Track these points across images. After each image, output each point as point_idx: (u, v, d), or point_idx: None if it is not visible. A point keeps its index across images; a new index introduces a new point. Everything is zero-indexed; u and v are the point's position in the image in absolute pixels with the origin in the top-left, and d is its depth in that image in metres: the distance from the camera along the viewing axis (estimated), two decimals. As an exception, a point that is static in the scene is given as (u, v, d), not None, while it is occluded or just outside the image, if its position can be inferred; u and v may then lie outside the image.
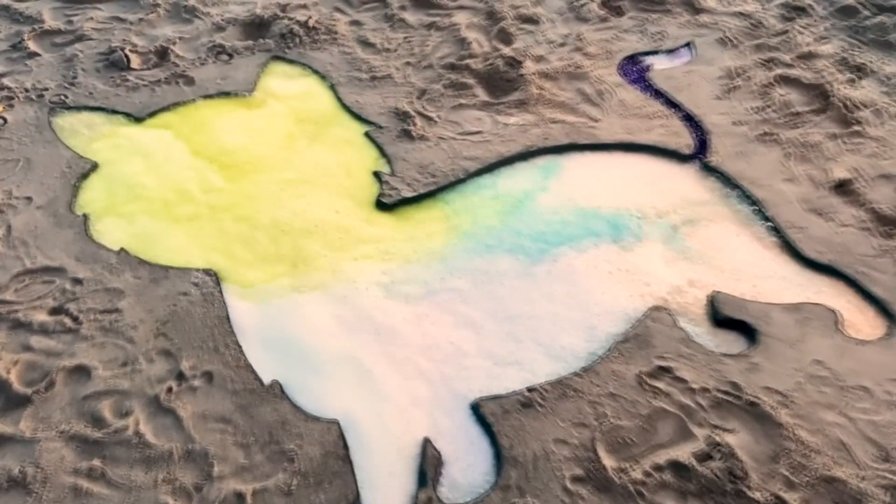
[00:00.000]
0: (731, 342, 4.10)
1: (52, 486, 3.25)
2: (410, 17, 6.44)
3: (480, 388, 3.82)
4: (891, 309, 4.24)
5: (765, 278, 4.44)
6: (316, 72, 5.81)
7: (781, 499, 3.30)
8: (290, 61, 5.91)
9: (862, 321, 4.24)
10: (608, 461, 3.42)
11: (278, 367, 3.88)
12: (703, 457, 3.44)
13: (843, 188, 4.94)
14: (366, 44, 6.12)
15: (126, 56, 5.68)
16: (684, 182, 5.07)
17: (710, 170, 5.11)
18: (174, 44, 5.92)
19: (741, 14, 6.79)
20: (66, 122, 5.20)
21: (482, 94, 5.65)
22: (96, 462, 3.34)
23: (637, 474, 3.37)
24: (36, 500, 3.20)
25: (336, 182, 4.96)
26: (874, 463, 3.49)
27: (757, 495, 3.31)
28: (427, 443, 3.53)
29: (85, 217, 4.51)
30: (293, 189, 4.90)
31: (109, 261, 4.25)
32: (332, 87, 5.66)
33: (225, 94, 5.53)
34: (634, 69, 6.13)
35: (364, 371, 3.89)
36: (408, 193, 4.78)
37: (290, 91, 5.71)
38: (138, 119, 5.25)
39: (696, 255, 4.55)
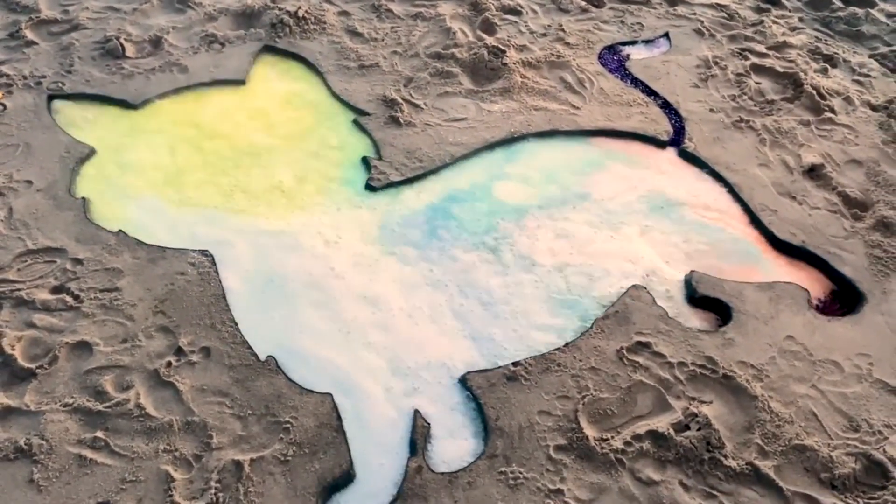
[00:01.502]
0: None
1: (57, 456, 3.33)
2: (397, 7, 6.51)
3: (464, 359, 3.97)
4: (860, 287, 4.40)
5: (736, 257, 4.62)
6: (305, 60, 5.90)
7: (755, 466, 3.44)
8: (281, 51, 6.00)
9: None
10: (590, 431, 3.55)
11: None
12: (681, 427, 3.57)
13: (814, 172, 5.09)
14: (354, 33, 6.19)
15: (121, 45, 5.72)
16: (661, 166, 5.23)
17: (686, 155, 5.25)
18: (168, 33, 5.96)
19: (717, 6, 6.91)
20: (65, 112, 5.27)
21: (467, 83, 5.74)
22: (99, 433, 3.42)
23: (618, 444, 3.49)
24: (42, 469, 3.28)
25: (315, 159, 5.12)
26: (843, 432, 3.64)
27: (732, 463, 3.44)
28: (417, 414, 3.65)
29: (84, 200, 4.58)
30: (277, 160, 5.06)
31: (108, 242, 4.32)
32: (322, 76, 5.75)
33: (218, 83, 5.62)
34: (614, 58, 6.24)
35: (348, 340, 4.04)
36: (396, 178, 4.88)
37: (280, 79, 5.81)
38: (133, 107, 5.33)
39: (672, 235, 4.71)
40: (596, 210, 4.84)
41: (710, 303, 4.28)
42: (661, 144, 5.35)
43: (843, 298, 4.47)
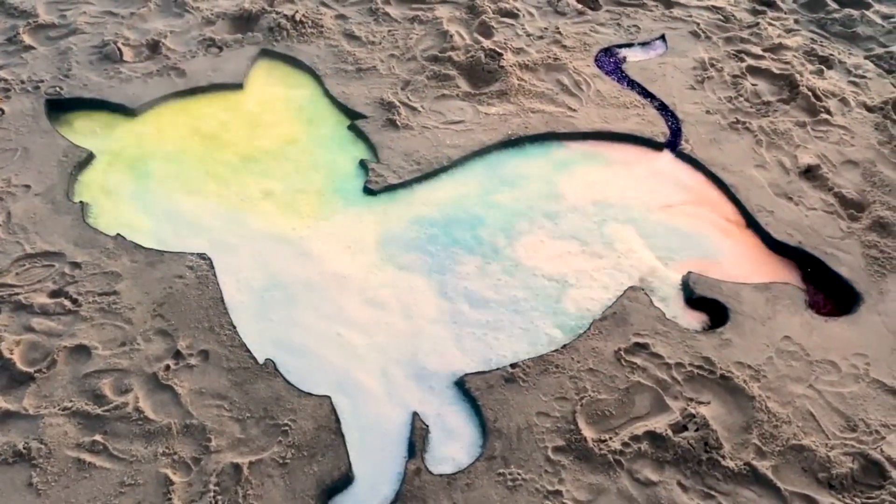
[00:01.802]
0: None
1: (56, 460, 3.34)
2: (394, 11, 6.53)
3: (462, 362, 3.98)
4: (856, 288, 4.42)
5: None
6: (303, 64, 5.92)
7: (753, 466, 3.45)
8: (279, 54, 6.01)
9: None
10: (588, 432, 3.56)
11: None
12: (679, 428, 3.58)
13: (810, 173, 5.11)
14: (351, 37, 6.21)
15: (119, 49, 5.74)
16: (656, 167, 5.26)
17: (683, 156, 5.27)
18: (165, 37, 5.98)
19: (713, 8, 6.94)
20: (73, 123, 5.28)
21: (464, 85, 5.76)
22: (98, 437, 3.42)
23: (616, 445, 3.51)
24: (40, 473, 3.29)
25: (313, 163, 5.14)
26: (840, 432, 3.65)
27: (730, 463, 3.45)
28: (415, 416, 3.66)
29: (82, 204, 4.58)
30: (276, 164, 5.09)
31: (106, 245, 4.33)
32: (319, 79, 5.76)
33: (216, 86, 5.64)
34: (610, 61, 6.26)
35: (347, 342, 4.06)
36: (394, 180, 4.89)
37: (278, 83, 5.85)
38: (131, 111, 5.34)
39: (668, 238, 4.73)
40: (587, 212, 4.86)
41: (703, 303, 4.31)
42: (657, 146, 5.37)
43: (828, 290, 4.54)
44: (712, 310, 4.29)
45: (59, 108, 5.36)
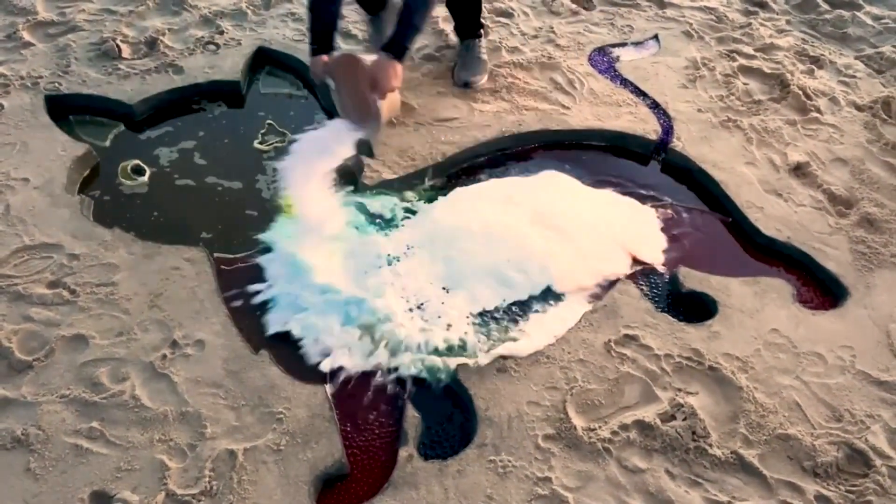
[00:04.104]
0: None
1: (54, 446, 3.37)
2: (390, 10, 6.57)
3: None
4: (843, 282, 4.47)
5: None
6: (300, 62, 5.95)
7: (739, 455, 3.49)
8: (275, 52, 6.07)
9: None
10: (578, 421, 3.60)
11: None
12: (667, 417, 3.62)
13: (800, 171, 5.15)
14: (347, 35, 6.26)
15: (117, 46, 5.76)
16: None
17: (675, 153, 5.33)
18: (163, 35, 6.02)
19: (705, 8, 6.98)
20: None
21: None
22: (95, 423, 3.46)
23: (605, 433, 3.54)
24: (38, 458, 3.32)
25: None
26: (826, 422, 3.69)
27: (717, 452, 3.49)
28: (407, 403, 3.72)
29: (81, 197, 4.63)
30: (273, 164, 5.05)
31: (104, 238, 4.37)
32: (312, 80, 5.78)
33: (213, 83, 5.69)
34: (604, 60, 6.30)
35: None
36: (389, 175, 4.93)
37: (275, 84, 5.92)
38: (128, 107, 5.39)
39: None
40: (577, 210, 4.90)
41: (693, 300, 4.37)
42: (646, 145, 5.44)
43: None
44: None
45: (59, 105, 5.41)
